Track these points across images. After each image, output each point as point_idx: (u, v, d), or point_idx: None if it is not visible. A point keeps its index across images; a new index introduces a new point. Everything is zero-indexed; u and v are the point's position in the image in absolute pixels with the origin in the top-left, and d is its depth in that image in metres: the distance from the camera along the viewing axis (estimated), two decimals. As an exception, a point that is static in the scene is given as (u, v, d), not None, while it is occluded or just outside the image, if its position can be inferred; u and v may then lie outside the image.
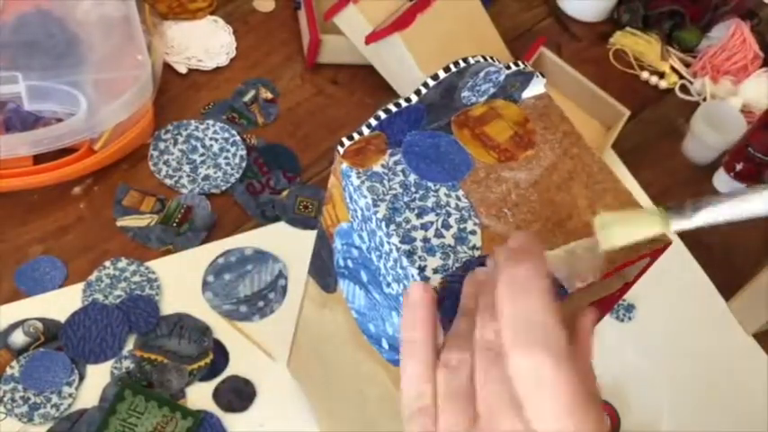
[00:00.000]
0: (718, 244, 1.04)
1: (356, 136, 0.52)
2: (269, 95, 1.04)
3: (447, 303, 0.47)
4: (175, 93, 1.02)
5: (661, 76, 1.21)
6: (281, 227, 0.93)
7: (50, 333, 0.80)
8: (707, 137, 1.08)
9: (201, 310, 0.84)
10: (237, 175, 0.95)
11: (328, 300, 0.63)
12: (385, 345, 0.56)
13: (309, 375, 0.75)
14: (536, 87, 0.59)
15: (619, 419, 0.87)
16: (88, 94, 0.88)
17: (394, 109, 0.52)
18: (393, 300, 0.52)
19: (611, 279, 0.56)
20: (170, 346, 0.81)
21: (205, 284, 0.86)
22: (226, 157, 0.96)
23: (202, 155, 0.96)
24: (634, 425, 0.87)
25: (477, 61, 0.52)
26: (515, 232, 0.46)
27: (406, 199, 0.51)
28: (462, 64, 0.51)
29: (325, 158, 1.00)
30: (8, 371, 0.77)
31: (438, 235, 0.50)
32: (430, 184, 0.52)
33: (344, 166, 0.52)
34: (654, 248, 0.53)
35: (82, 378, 0.78)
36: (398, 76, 1.00)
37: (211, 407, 0.79)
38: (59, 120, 0.87)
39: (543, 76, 0.58)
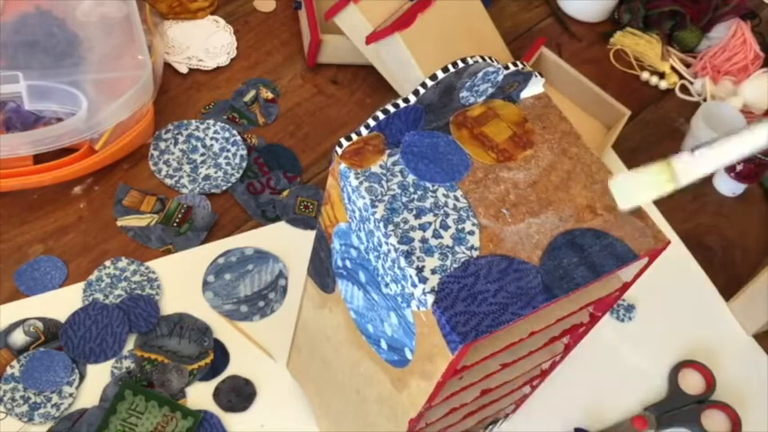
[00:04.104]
0: (718, 244, 1.04)
1: (354, 136, 0.52)
2: (269, 95, 1.05)
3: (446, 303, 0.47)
4: (176, 93, 1.02)
5: (661, 76, 1.21)
6: (281, 227, 0.93)
7: (50, 333, 0.80)
8: (707, 137, 1.08)
9: (202, 309, 0.84)
10: (238, 175, 0.95)
11: (327, 300, 0.63)
12: (383, 345, 0.56)
13: (308, 375, 0.76)
14: (534, 87, 0.59)
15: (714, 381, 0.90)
16: (88, 93, 0.88)
17: (392, 110, 0.52)
18: (391, 300, 0.52)
19: (607, 280, 0.56)
20: (170, 346, 0.81)
21: (205, 284, 0.86)
22: (226, 157, 0.96)
23: (203, 155, 0.96)
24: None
25: (476, 62, 0.52)
26: None
27: (404, 199, 0.51)
28: (461, 64, 0.52)
29: (325, 158, 1.00)
30: (8, 370, 0.77)
31: (436, 235, 0.50)
32: (428, 184, 0.53)
33: (343, 166, 0.52)
34: (652, 249, 0.53)
35: (82, 378, 0.78)
36: (398, 76, 1.00)
37: (211, 407, 0.79)
38: (60, 119, 0.87)
39: (541, 75, 0.58)
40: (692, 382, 0.91)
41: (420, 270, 0.48)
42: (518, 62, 0.56)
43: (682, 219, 1.05)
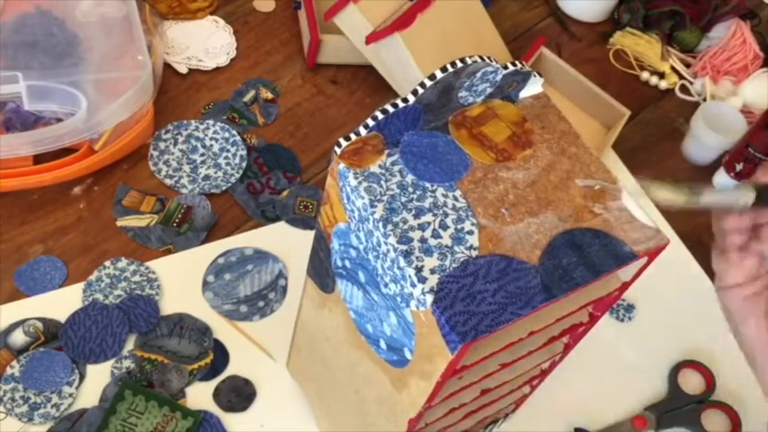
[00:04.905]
0: (718, 244, 1.04)
1: (353, 136, 0.52)
2: (269, 95, 1.05)
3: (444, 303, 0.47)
4: (175, 93, 1.02)
5: (661, 76, 1.21)
6: (281, 227, 0.93)
7: (50, 333, 0.80)
8: (707, 137, 1.08)
9: (201, 310, 0.85)
10: (238, 175, 0.95)
11: (327, 300, 0.63)
12: (383, 345, 0.56)
13: (308, 375, 0.76)
14: (533, 87, 0.59)
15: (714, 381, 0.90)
16: (88, 94, 0.88)
17: (391, 109, 0.52)
18: (390, 300, 0.52)
19: (607, 280, 0.56)
20: (170, 346, 0.81)
21: (205, 284, 0.86)
22: (226, 157, 0.96)
23: (202, 155, 0.96)
24: (633, 425, 0.87)
25: (475, 61, 0.52)
26: None
27: (403, 199, 0.51)
28: (459, 64, 0.52)
29: (325, 158, 1.00)
30: (8, 371, 0.77)
31: (435, 235, 0.50)
32: (427, 184, 0.53)
33: (342, 166, 0.52)
34: (651, 249, 0.53)
35: (82, 378, 0.78)
36: (398, 76, 1.00)
37: (211, 407, 0.79)
38: (59, 120, 0.87)
39: (541, 76, 0.58)
40: (691, 382, 0.91)
41: (419, 270, 0.48)
42: (517, 62, 0.56)
43: (682, 219, 1.05)
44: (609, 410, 0.87)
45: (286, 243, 0.91)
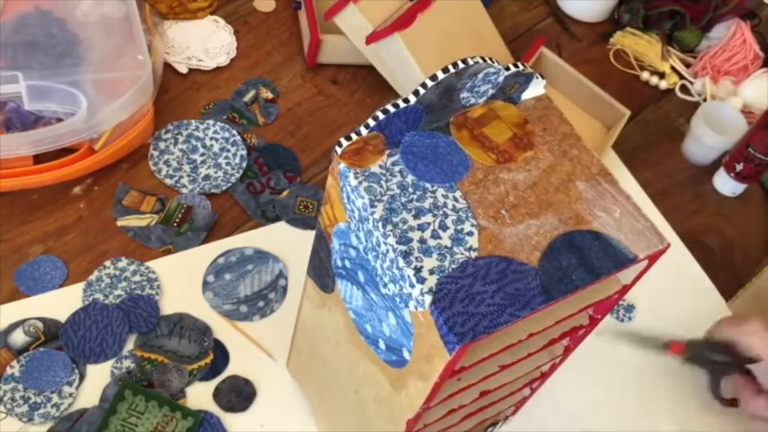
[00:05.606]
0: (718, 244, 1.04)
1: (354, 136, 0.52)
2: (269, 95, 1.05)
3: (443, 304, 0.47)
4: (176, 93, 1.02)
5: (661, 76, 1.21)
6: (281, 227, 0.93)
7: (51, 333, 0.80)
8: (707, 137, 1.08)
9: (202, 310, 0.85)
10: (238, 175, 0.95)
11: (327, 300, 0.63)
12: (382, 345, 0.56)
13: (308, 375, 0.76)
14: (536, 89, 0.59)
15: None
16: (88, 93, 0.88)
17: (392, 110, 0.52)
18: (390, 300, 0.52)
19: (607, 282, 0.56)
20: (170, 346, 0.81)
21: (205, 284, 0.86)
22: (226, 157, 0.96)
23: (203, 155, 0.96)
24: (634, 425, 0.87)
25: (476, 62, 0.52)
26: None
27: (403, 200, 0.51)
28: (461, 65, 0.51)
29: (325, 158, 1.00)
30: (8, 370, 0.77)
31: (435, 236, 0.50)
32: (428, 184, 0.53)
33: (342, 166, 0.52)
34: (651, 252, 0.53)
35: (82, 378, 0.78)
36: (398, 76, 1.00)
37: (211, 407, 0.79)
38: (59, 120, 0.87)
39: (543, 77, 0.58)
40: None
41: (418, 270, 0.48)
42: (519, 63, 0.56)
43: (682, 219, 1.05)
44: (609, 411, 0.87)
45: (286, 243, 0.91)
